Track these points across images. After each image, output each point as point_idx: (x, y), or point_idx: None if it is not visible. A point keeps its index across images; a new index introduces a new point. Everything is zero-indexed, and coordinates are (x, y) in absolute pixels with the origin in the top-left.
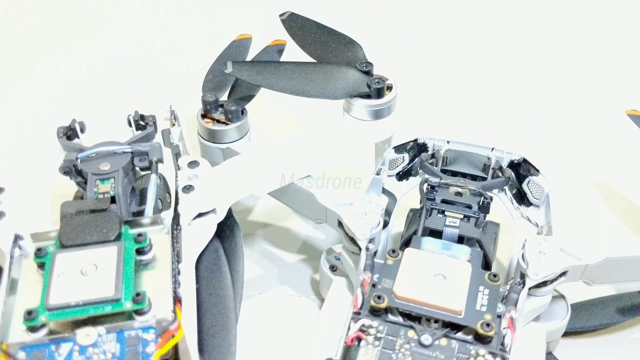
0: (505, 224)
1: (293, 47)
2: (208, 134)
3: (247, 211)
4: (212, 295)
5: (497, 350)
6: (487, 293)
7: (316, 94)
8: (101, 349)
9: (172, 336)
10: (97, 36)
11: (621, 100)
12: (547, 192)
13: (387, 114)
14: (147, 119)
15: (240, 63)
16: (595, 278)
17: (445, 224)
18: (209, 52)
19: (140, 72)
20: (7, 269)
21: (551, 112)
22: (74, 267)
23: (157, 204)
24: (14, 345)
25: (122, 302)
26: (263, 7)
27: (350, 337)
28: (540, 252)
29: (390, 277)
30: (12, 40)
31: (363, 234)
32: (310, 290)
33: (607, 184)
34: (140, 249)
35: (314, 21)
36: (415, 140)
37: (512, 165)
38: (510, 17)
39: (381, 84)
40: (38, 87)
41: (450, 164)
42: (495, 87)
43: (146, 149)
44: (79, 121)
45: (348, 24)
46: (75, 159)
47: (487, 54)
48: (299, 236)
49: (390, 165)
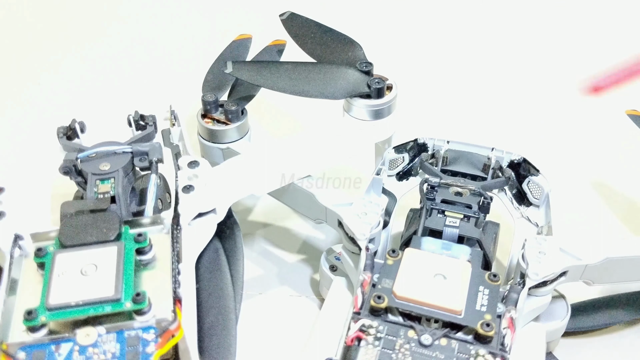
0: (505, 224)
1: (293, 47)
2: (208, 134)
3: (247, 211)
4: (212, 295)
5: (497, 350)
6: (487, 293)
7: (316, 94)
8: (101, 349)
9: (172, 336)
10: (97, 36)
11: (621, 100)
12: (547, 192)
13: (387, 114)
14: (147, 119)
15: (240, 63)
16: (595, 278)
17: (445, 224)
18: (209, 52)
19: (140, 72)
20: (7, 269)
21: (551, 112)
22: (74, 267)
23: (157, 204)
24: (14, 345)
25: (122, 302)
26: (263, 7)
27: (350, 337)
28: (540, 252)
29: (390, 277)
30: (12, 41)
31: (363, 234)
32: (310, 290)
33: (607, 184)
34: (140, 249)
35: (314, 21)
36: (415, 140)
37: (512, 165)
38: (510, 17)
39: (381, 84)
40: (38, 87)
41: (450, 164)
42: (495, 87)
43: (146, 149)
44: (79, 121)
45: (348, 24)
46: (75, 159)
47: (487, 54)
48: (299, 236)
49: (390, 165)
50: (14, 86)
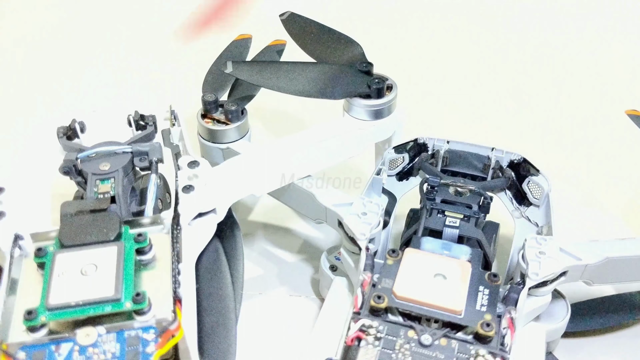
0: (505, 224)
1: (293, 47)
2: (208, 134)
3: (247, 211)
4: (212, 295)
5: (497, 350)
6: (487, 293)
7: (316, 94)
8: (101, 349)
9: (172, 336)
10: (97, 36)
11: (621, 100)
12: (547, 192)
13: (387, 114)
14: (147, 119)
15: (240, 63)
16: (595, 278)
17: (445, 224)
18: (209, 52)
19: (140, 72)
20: (7, 269)
21: (551, 112)
22: (74, 267)
23: (157, 204)
24: (14, 345)
25: (122, 302)
26: (263, 7)
27: (350, 337)
28: (540, 252)
29: (390, 277)
30: (12, 41)
31: (363, 234)
32: (310, 290)
33: (607, 184)
34: (140, 249)
35: (314, 21)
36: (415, 140)
37: (512, 165)
38: (510, 17)
39: (381, 84)
40: (38, 87)
41: (450, 164)
42: (495, 88)
43: (146, 149)
44: (79, 121)
45: (348, 24)
46: (75, 159)
47: (487, 54)
48: (299, 236)
49: (390, 165)
50: (14, 86)
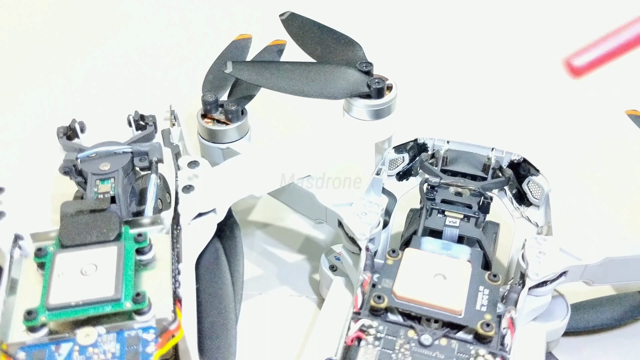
0: (505, 224)
1: (293, 47)
2: (208, 134)
3: (247, 211)
4: (212, 295)
5: (497, 350)
6: (487, 293)
7: (316, 94)
8: (101, 349)
9: (172, 336)
10: (97, 36)
11: (621, 100)
12: (547, 192)
13: (387, 114)
14: (147, 119)
15: (240, 63)
16: (595, 278)
17: (445, 224)
18: (209, 52)
19: (140, 72)
20: (7, 269)
21: (551, 112)
22: (74, 267)
23: (157, 204)
24: (14, 345)
25: (122, 302)
26: (263, 7)
27: (350, 337)
28: (540, 252)
29: (390, 277)
30: (12, 41)
31: (363, 234)
32: (310, 290)
33: (608, 183)
34: (140, 249)
35: (314, 21)
36: (415, 140)
37: (512, 165)
38: (510, 17)
39: (381, 84)
40: (38, 87)
41: (450, 164)
42: (495, 88)
43: (146, 149)
44: (79, 121)
45: (348, 24)
46: (75, 159)
47: (487, 54)
48: (299, 236)
49: (390, 165)
50: (14, 86)
